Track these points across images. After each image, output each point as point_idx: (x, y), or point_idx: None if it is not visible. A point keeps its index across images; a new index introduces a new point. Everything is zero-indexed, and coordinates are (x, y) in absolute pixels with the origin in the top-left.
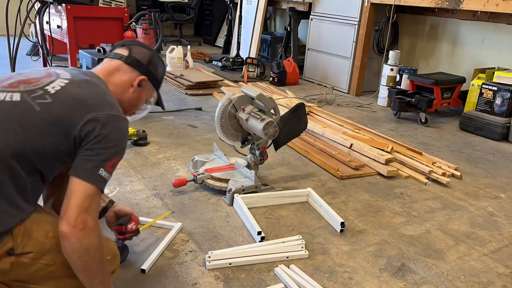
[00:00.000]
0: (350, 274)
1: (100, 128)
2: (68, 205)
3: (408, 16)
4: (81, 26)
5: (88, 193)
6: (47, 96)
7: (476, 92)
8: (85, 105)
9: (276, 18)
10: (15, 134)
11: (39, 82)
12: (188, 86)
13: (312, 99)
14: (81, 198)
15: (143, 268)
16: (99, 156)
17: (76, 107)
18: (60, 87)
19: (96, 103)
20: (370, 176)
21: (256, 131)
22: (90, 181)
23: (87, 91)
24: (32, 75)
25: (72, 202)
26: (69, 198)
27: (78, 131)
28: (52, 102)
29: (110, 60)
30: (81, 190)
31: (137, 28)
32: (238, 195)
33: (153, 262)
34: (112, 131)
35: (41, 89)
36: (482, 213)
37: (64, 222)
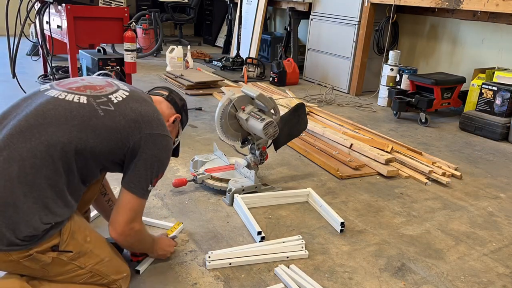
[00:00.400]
0: (350, 274)
1: (154, 146)
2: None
3: (408, 16)
4: (81, 26)
5: (137, 206)
6: (110, 104)
7: (476, 92)
8: (143, 120)
9: (276, 18)
10: (79, 132)
11: (103, 90)
12: (188, 86)
13: (312, 99)
14: (130, 213)
15: (138, 269)
16: (151, 174)
17: (135, 120)
18: (122, 98)
19: (152, 120)
20: (370, 176)
21: (256, 131)
22: (140, 196)
23: (145, 108)
24: (95, 82)
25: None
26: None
27: (133, 143)
28: (114, 110)
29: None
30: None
31: (137, 28)
32: (238, 195)
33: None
34: (164, 150)
35: (105, 96)
36: (482, 213)
37: (113, 230)
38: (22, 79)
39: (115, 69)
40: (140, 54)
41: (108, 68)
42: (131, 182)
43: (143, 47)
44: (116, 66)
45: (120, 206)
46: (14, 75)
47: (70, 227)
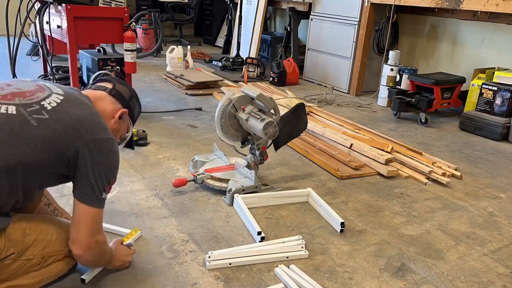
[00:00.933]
0: (350, 274)
1: (99, 153)
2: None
3: (408, 16)
4: (81, 26)
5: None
6: (43, 112)
7: (476, 92)
8: (82, 126)
9: (276, 18)
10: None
11: (34, 96)
12: (188, 86)
13: (312, 99)
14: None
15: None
16: (102, 182)
17: (73, 127)
18: (56, 103)
19: (92, 125)
20: (370, 176)
21: (256, 131)
22: (96, 206)
23: (83, 112)
24: (24, 87)
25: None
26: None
27: (75, 151)
28: (48, 118)
29: (94, 90)
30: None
31: (137, 28)
32: (238, 195)
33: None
34: (110, 155)
35: (37, 103)
36: (482, 213)
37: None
38: None
39: (115, 69)
40: (140, 54)
41: (108, 68)
42: (83, 193)
43: (143, 47)
44: (116, 66)
45: (78, 220)
46: (14, 75)
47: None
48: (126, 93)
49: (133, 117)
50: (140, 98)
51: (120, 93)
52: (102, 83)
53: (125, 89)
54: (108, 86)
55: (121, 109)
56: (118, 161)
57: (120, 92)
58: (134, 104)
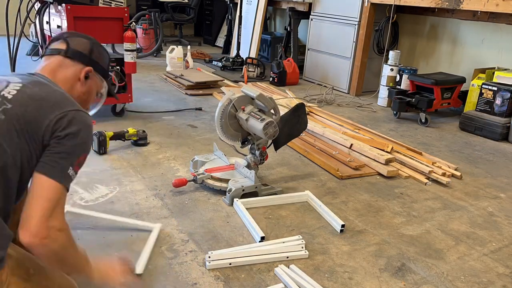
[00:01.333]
0: (350, 274)
1: (68, 125)
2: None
3: (408, 16)
4: (81, 26)
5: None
6: (6, 102)
7: (476, 92)
8: (47, 104)
9: (276, 18)
10: None
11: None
12: (188, 86)
13: (312, 99)
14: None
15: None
16: (69, 155)
17: (39, 107)
18: (16, 90)
19: (57, 101)
20: (370, 176)
21: (256, 131)
22: (58, 180)
23: (45, 90)
24: None
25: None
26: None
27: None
28: (12, 107)
29: (49, 57)
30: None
31: (137, 28)
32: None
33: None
34: (80, 128)
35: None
36: (482, 213)
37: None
38: None
39: (115, 69)
40: (140, 54)
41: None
42: (46, 164)
43: (143, 47)
44: (116, 66)
45: (33, 196)
46: None
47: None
48: (84, 47)
49: (103, 69)
50: (140, 98)
51: (77, 51)
52: (55, 44)
53: (82, 43)
54: (62, 47)
55: (84, 69)
56: (89, 135)
57: (76, 50)
58: (99, 56)
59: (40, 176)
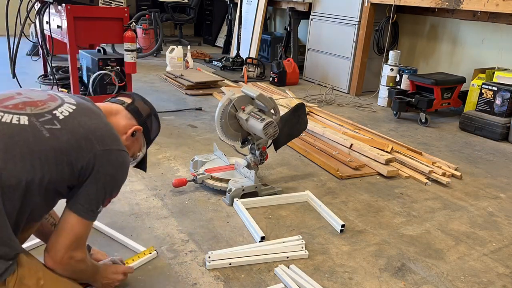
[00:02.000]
0: (350, 274)
1: (108, 163)
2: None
3: (408, 16)
4: (81, 26)
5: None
6: (55, 122)
7: (476, 92)
8: (94, 136)
9: (276, 18)
10: (23, 162)
11: (46, 105)
12: (188, 86)
13: (312, 99)
14: (72, 237)
15: None
16: (103, 194)
17: (85, 137)
18: (68, 112)
19: (104, 135)
20: (370, 176)
21: (256, 131)
22: (86, 218)
23: (95, 121)
24: (35, 96)
25: (62, 239)
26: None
27: (85, 163)
28: (61, 128)
29: (111, 104)
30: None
31: (137, 28)
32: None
33: None
34: (118, 167)
35: (49, 113)
36: (482, 213)
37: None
38: (22, 79)
39: (115, 69)
40: (140, 54)
41: (108, 68)
42: (78, 202)
43: (143, 47)
44: (116, 66)
45: (61, 229)
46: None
47: (17, 273)
48: (144, 110)
49: (149, 137)
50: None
51: (137, 109)
52: (122, 97)
53: (143, 106)
54: (127, 100)
55: (135, 126)
56: (125, 175)
57: (137, 108)
58: (152, 123)
59: (71, 213)
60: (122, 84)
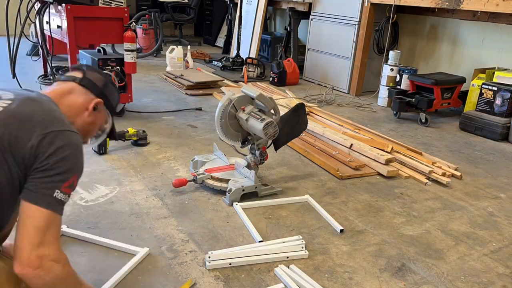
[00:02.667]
0: (350, 274)
1: (51, 146)
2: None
3: (408, 16)
4: (81, 26)
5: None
6: None
7: (476, 92)
8: (31, 123)
9: (276, 18)
10: None
11: None
12: (188, 86)
13: (312, 99)
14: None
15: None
16: (54, 177)
17: (21, 126)
18: (2, 107)
19: (43, 119)
20: (370, 176)
21: (256, 131)
22: (45, 206)
23: (32, 108)
24: None
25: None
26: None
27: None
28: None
29: (61, 83)
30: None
31: (137, 28)
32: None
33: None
34: (65, 147)
35: None
36: (482, 213)
37: (17, 264)
38: (22, 79)
39: (115, 69)
40: (140, 54)
41: (108, 68)
42: (30, 191)
43: (143, 47)
44: (116, 66)
45: (20, 225)
46: (14, 75)
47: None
48: (99, 80)
49: (111, 106)
50: (140, 98)
51: (92, 82)
52: (72, 72)
53: (97, 77)
54: (78, 75)
55: (95, 99)
56: (76, 156)
57: (91, 81)
58: (110, 92)
59: (26, 204)
60: (122, 84)
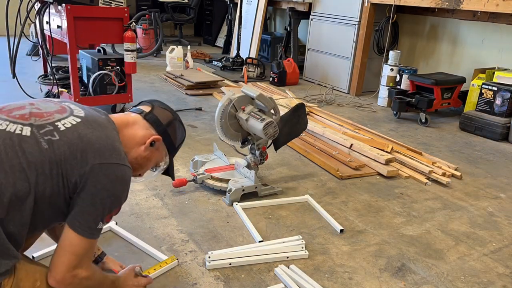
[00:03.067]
0: (350, 274)
1: (105, 178)
2: (58, 260)
3: (408, 16)
4: (81, 26)
5: (81, 248)
6: (55, 133)
7: (476, 92)
8: (91, 148)
9: (276, 18)
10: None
11: (51, 117)
12: (188, 86)
13: (312, 99)
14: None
15: None
16: (102, 210)
17: (82, 149)
18: (71, 124)
19: (102, 148)
20: (370, 176)
21: (256, 131)
22: (86, 236)
23: (97, 133)
24: (46, 107)
25: (62, 258)
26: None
27: (79, 176)
28: (59, 140)
29: (130, 113)
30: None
31: (137, 28)
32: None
33: None
34: (117, 182)
35: (51, 124)
36: (482, 213)
37: (51, 279)
38: (22, 79)
39: (115, 69)
40: (140, 54)
41: (108, 68)
42: (76, 219)
43: (143, 47)
44: (116, 66)
45: (61, 247)
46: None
47: (13, 277)
48: (164, 118)
49: (172, 144)
50: (140, 98)
51: (156, 118)
52: (142, 105)
53: (164, 114)
54: (146, 109)
55: (153, 136)
56: (126, 190)
57: (156, 117)
58: (174, 131)
59: (70, 230)
60: (122, 84)
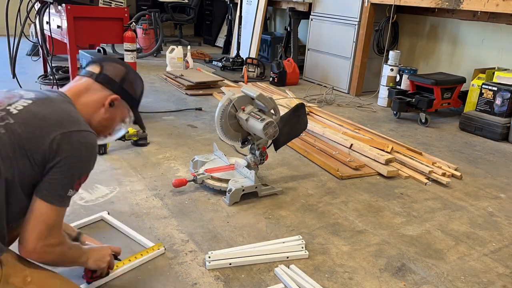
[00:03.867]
0: (350, 274)
1: (70, 146)
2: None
3: (408, 16)
4: (81, 26)
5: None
6: (9, 117)
7: (476, 92)
8: (48, 123)
9: (276, 18)
10: None
11: (1, 104)
12: (188, 86)
13: (312, 99)
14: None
15: None
16: (70, 179)
17: (40, 126)
18: (23, 106)
19: (61, 120)
20: (370, 176)
21: (256, 131)
22: (56, 204)
23: (51, 108)
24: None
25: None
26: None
27: (44, 152)
28: (14, 123)
29: (80, 78)
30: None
31: (137, 28)
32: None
33: None
34: (81, 149)
35: (3, 110)
36: (482, 213)
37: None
38: (22, 79)
39: None
40: (140, 54)
41: None
42: (45, 189)
43: (143, 47)
44: None
45: (31, 218)
46: (14, 75)
47: (2, 273)
48: (116, 74)
49: (132, 98)
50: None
51: (108, 77)
52: (91, 66)
53: (116, 70)
54: (95, 70)
55: (110, 96)
56: (93, 155)
57: (107, 76)
58: (130, 84)
59: (38, 200)
60: None
